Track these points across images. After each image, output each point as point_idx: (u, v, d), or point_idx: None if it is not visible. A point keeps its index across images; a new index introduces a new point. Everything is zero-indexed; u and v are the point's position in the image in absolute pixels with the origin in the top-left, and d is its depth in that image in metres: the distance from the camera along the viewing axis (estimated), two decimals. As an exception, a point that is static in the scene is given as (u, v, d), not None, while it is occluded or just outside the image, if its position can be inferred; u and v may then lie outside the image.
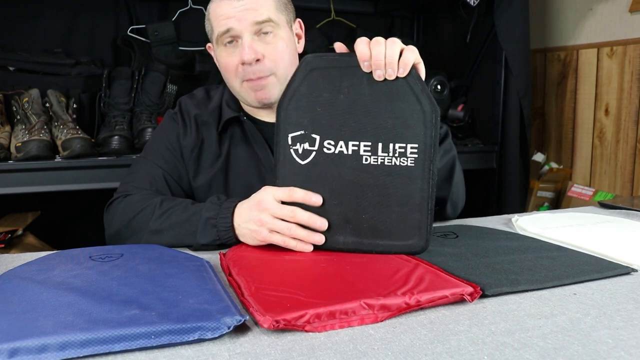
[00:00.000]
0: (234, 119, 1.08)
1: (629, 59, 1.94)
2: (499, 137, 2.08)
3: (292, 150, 0.82)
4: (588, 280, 0.73)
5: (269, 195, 0.82)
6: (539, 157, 2.29)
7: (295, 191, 0.81)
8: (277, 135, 0.83)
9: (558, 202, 2.20)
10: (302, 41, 1.10)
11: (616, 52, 1.99)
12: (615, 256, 0.82)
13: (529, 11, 2.02)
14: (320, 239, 0.81)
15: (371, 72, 0.79)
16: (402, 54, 0.78)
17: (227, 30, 0.99)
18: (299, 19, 1.11)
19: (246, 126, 1.08)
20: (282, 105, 0.82)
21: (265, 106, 1.04)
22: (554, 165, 2.25)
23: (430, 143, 0.79)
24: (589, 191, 2.08)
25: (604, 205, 1.26)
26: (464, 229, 0.99)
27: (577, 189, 2.12)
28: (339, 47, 0.83)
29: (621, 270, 0.76)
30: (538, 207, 2.19)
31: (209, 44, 1.10)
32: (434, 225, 1.05)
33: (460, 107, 2.15)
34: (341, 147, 0.81)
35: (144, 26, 2.04)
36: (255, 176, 1.07)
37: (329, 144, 0.81)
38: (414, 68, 0.79)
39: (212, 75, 2.01)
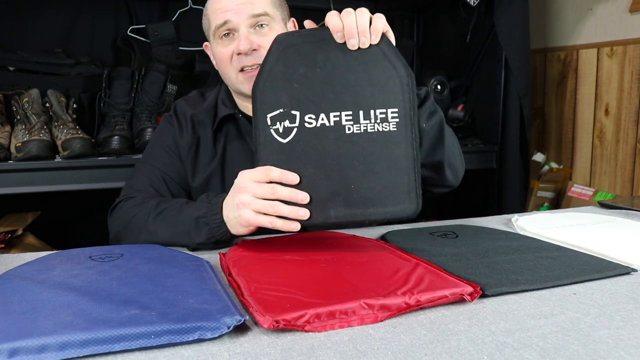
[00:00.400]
0: (229, 117, 1.09)
1: (629, 59, 1.94)
2: (499, 137, 2.08)
3: (272, 130, 0.81)
4: (588, 280, 0.73)
5: (245, 177, 0.82)
6: (539, 157, 2.29)
7: (272, 170, 0.80)
8: (255, 118, 0.81)
9: (558, 202, 2.20)
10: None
11: (616, 52, 1.99)
12: (615, 256, 0.82)
13: (529, 11, 2.02)
14: (304, 214, 0.79)
15: (344, 43, 0.80)
16: (371, 23, 0.80)
17: (224, 23, 1.01)
18: (293, 18, 1.12)
19: (241, 123, 1.09)
20: (258, 86, 0.81)
21: None
22: (554, 165, 2.25)
23: (410, 106, 0.80)
24: (589, 191, 2.08)
25: (604, 205, 1.26)
26: (464, 229, 0.99)
27: (577, 189, 2.12)
28: (309, 23, 0.84)
29: (621, 270, 0.76)
30: (538, 207, 2.19)
31: (205, 43, 1.11)
32: (434, 224, 1.06)
33: (460, 107, 2.15)
34: (322, 119, 0.80)
35: (144, 26, 2.05)
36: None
37: (309, 118, 0.80)
38: (385, 36, 0.80)
39: (212, 75, 2.01)
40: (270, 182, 0.80)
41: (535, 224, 1.04)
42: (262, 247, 0.86)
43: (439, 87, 2.16)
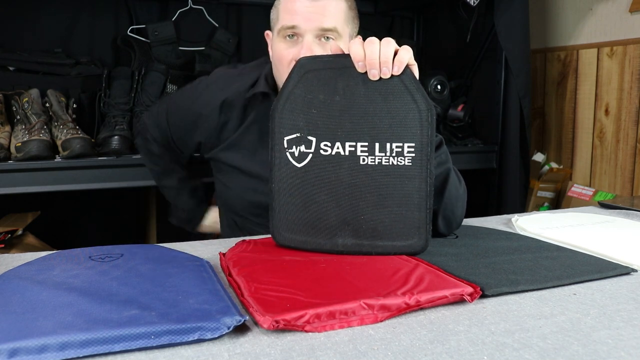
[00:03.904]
0: (264, 94, 1.11)
1: (629, 59, 1.94)
2: (499, 137, 2.08)
3: (287, 154, 0.82)
4: (588, 281, 0.73)
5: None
6: (539, 157, 2.29)
7: None
8: (272, 139, 0.82)
9: (558, 202, 2.20)
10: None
11: (616, 52, 1.99)
12: (615, 256, 0.82)
13: (529, 11, 2.02)
14: None
15: (366, 72, 0.79)
16: (396, 53, 0.79)
17: (292, 27, 1.01)
18: (359, 36, 1.11)
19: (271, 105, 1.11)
20: (277, 108, 0.82)
21: None
22: (554, 165, 2.25)
23: (427, 142, 0.79)
24: (589, 191, 2.08)
25: (604, 205, 1.26)
26: (464, 229, 0.99)
27: (577, 189, 2.12)
28: (334, 48, 0.83)
29: (621, 270, 0.76)
30: (538, 207, 2.19)
31: (267, 32, 1.12)
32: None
33: (460, 107, 2.15)
34: (338, 148, 0.80)
35: (144, 26, 2.05)
36: (264, 151, 1.12)
37: (325, 145, 0.81)
38: (408, 67, 0.79)
39: (212, 75, 2.01)
40: None
41: (535, 224, 1.04)
42: (262, 247, 0.86)
43: (439, 87, 2.16)
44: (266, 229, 0.92)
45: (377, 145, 0.80)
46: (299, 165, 0.82)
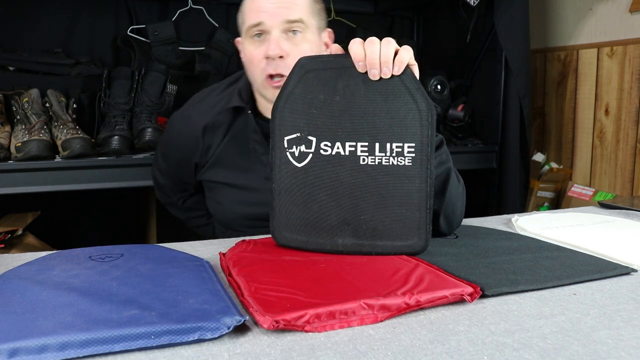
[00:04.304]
0: (239, 109, 1.11)
1: (629, 59, 1.94)
2: (499, 137, 2.08)
3: (288, 153, 0.82)
4: (588, 281, 0.73)
5: None
6: (539, 157, 2.29)
7: None
8: (273, 139, 0.83)
9: (558, 202, 2.20)
10: (330, 51, 1.11)
11: (616, 52, 1.99)
12: (615, 256, 0.82)
13: (529, 11, 2.02)
14: None
15: (366, 72, 0.79)
16: (397, 53, 0.79)
17: (258, 24, 1.01)
18: (330, 30, 1.11)
19: (248, 119, 1.10)
20: (277, 107, 0.82)
21: None
22: (554, 165, 2.25)
23: (427, 142, 0.79)
24: (589, 191, 2.08)
25: (604, 205, 1.26)
26: (464, 229, 0.99)
27: (577, 189, 2.12)
28: (335, 48, 0.83)
29: (621, 270, 0.76)
30: (538, 207, 2.19)
31: (238, 38, 1.11)
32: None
33: (460, 107, 2.15)
34: (338, 148, 0.81)
35: (144, 26, 2.05)
36: (246, 163, 1.12)
37: (325, 145, 0.81)
38: (408, 67, 0.79)
39: (212, 75, 2.01)
40: None
41: (535, 224, 1.04)
42: (262, 247, 0.86)
43: (439, 87, 2.16)
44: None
45: (377, 145, 0.80)
46: (299, 165, 0.82)
